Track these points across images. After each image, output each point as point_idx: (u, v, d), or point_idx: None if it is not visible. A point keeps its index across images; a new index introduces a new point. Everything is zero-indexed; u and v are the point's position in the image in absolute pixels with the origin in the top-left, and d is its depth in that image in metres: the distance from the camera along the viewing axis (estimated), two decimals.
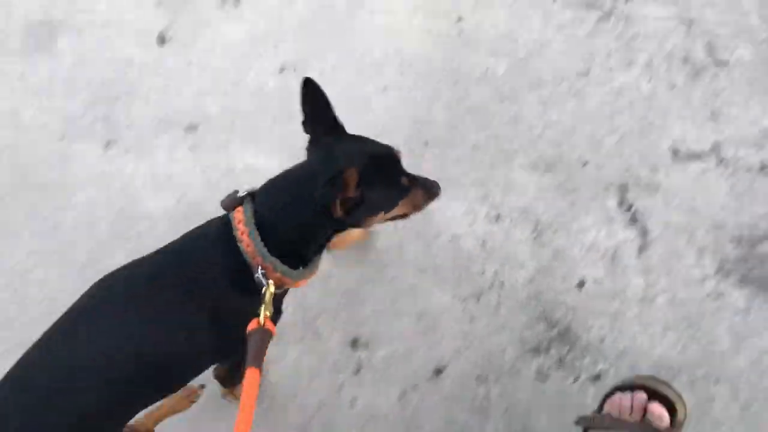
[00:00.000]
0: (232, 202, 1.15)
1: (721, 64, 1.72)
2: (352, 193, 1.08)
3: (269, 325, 1.06)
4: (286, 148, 1.77)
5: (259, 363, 1.01)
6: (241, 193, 1.15)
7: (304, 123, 1.17)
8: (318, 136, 1.18)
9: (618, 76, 1.75)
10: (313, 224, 1.13)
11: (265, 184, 1.17)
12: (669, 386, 1.31)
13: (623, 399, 1.30)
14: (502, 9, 1.86)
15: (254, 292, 1.10)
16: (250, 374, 0.98)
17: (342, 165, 1.06)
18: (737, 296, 1.54)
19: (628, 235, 1.62)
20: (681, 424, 1.27)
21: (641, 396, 1.29)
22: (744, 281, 1.55)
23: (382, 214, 1.23)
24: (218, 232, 1.14)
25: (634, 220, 1.63)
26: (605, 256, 1.61)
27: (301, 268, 1.17)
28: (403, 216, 1.32)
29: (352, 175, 1.05)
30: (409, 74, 1.83)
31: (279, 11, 1.95)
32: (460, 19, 1.86)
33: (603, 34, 1.79)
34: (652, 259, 1.59)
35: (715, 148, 1.65)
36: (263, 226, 1.11)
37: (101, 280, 1.13)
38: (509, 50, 1.81)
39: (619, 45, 1.78)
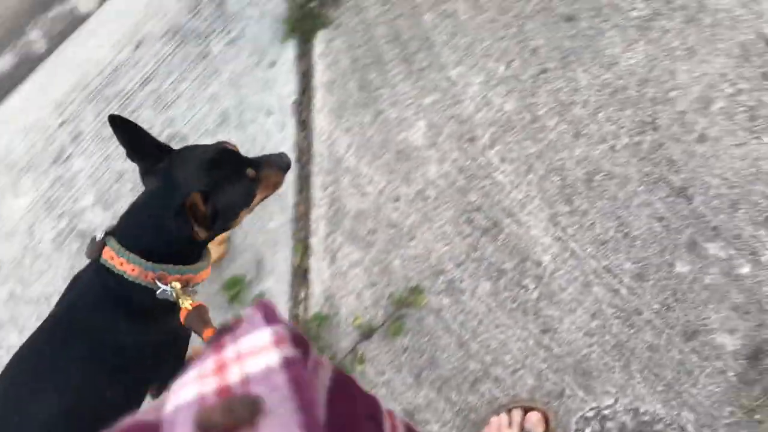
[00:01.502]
0: (96, 247, 1.16)
1: None
2: (202, 212, 1.11)
3: (196, 304, 1.13)
4: None
5: (210, 324, 1.09)
6: (99, 236, 1.17)
7: (128, 156, 1.18)
8: (148, 164, 1.18)
9: None
10: (182, 245, 1.17)
11: (120, 220, 1.20)
12: (540, 402, 1.47)
13: (501, 418, 1.43)
14: None
15: (160, 308, 1.16)
16: (210, 334, 1.06)
17: (182, 196, 1.08)
18: None
19: None
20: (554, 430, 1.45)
21: (518, 411, 1.43)
22: None
23: (244, 212, 1.26)
24: (94, 282, 1.15)
25: None
26: None
27: (196, 263, 1.22)
28: (268, 195, 1.34)
29: (195, 200, 1.08)
30: None
31: None
32: None
33: None
34: None
35: None
36: (136, 248, 1.14)
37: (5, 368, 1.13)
38: None
39: None
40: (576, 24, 1.81)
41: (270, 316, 0.46)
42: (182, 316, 1.12)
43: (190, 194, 1.07)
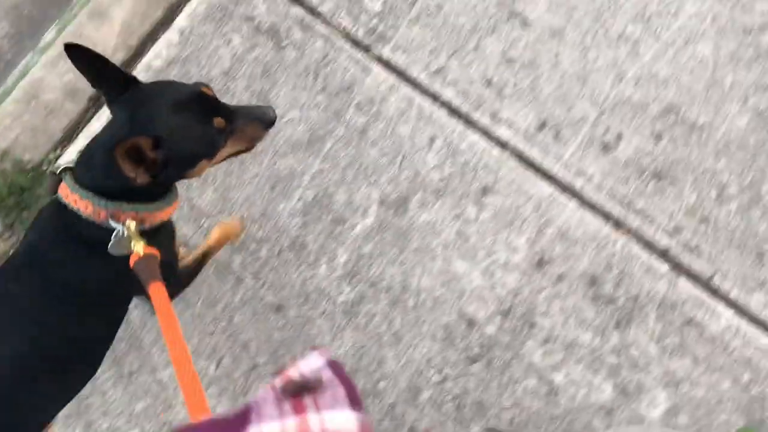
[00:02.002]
0: (53, 182, 1.13)
1: None
2: (149, 157, 1.03)
3: (149, 250, 1.07)
4: None
5: (157, 278, 1.02)
6: (57, 171, 1.12)
7: (92, 85, 1.09)
8: (113, 94, 1.09)
9: None
10: (131, 184, 1.06)
11: (78, 155, 1.14)
12: None
13: None
14: None
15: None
16: (155, 289, 0.99)
17: (127, 136, 1.00)
18: None
19: None
20: None
21: None
22: None
23: (206, 161, 1.15)
24: (53, 218, 1.12)
25: None
26: None
27: (156, 202, 1.14)
28: (246, 150, 1.25)
29: (138, 144, 1.00)
30: None
31: None
32: None
33: None
34: None
35: None
36: (91, 185, 1.08)
37: None
38: None
39: None
40: (285, 313, 1.75)
41: (352, 395, 0.50)
42: (131, 260, 1.07)
43: (125, 139, 0.99)
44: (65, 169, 1.13)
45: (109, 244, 1.08)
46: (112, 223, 1.08)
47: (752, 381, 1.60)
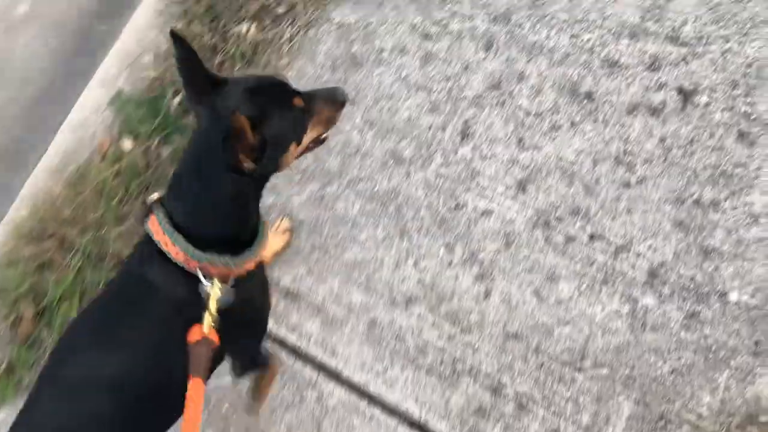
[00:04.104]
0: (142, 214, 1.10)
1: None
2: (251, 138, 1.00)
3: (212, 334, 1.04)
4: None
5: (202, 373, 0.99)
6: (149, 201, 1.10)
7: (185, 87, 1.08)
8: (194, 93, 1.08)
9: None
10: (232, 192, 1.05)
11: (169, 181, 1.10)
12: None
13: None
14: None
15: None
16: (194, 385, 0.97)
17: (227, 117, 0.97)
18: None
19: None
20: None
21: None
22: None
23: (294, 146, 1.15)
24: (143, 256, 1.10)
25: None
26: None
27: (246, 250, 1.12)
28: (321, 140, 1.26)
29: (239, 121, 0.96)
30: None
31: None
32: None
33: None
34: None
35: None
36: (184, 224, 1.06)
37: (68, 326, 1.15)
38: None
39: None
40: None
41: None
42: (192, 334, 1.04)
43: (236, 114, 0.96)
44: (156, 200, 1.11)
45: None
46: (201, 278, 1.06)
47: None
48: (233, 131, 0.96)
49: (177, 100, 1.97)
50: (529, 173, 1.85)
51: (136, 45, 2.08)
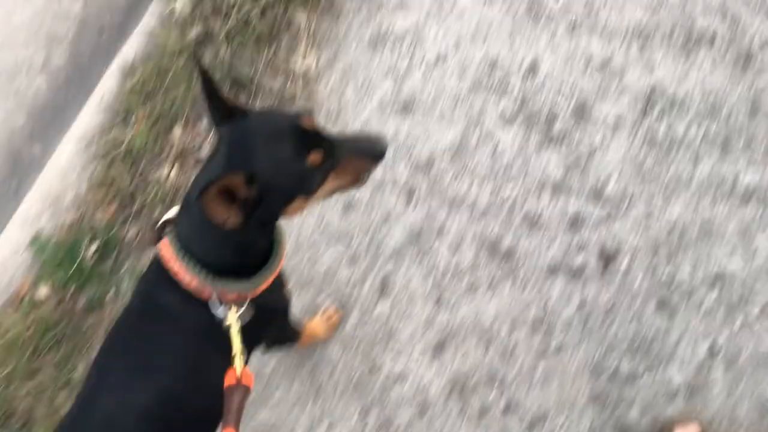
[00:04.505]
0: (154, 237, 1.07)
1: None
2: (242, 194, 0.96)
3: (246, 378, 1.03)
4: None
5: (236, 421, 0.99)
6: (161, 222, 1.07)
7: (210, 113, 1.03)
8: (218, 117, 1.03)
9: None
10: (232, 233, 0.99)
11: (182, 202, 1.07)
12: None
13: None
14: None
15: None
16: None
17: (216, 176, 0.92)
18: None
19: None
20: None
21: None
22: None
23: (304, 198, 1.06)
24: (157, 281, 1.07)
25: None
26: None
27: (261, 270, 1.10)
28: (355, 184, 1.13)
29: (231, 183, 0.93)
30: None
31: None
32: None
33: None
34: None
35: None
36: (196, 250, 1.03)
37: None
38: None
39: None
40: None
41: None
42: (228, 378, 1.03)
43: (229, 174, 0.92)
44: (168, 222, 1.07)
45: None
46: (216, 305, 1.04)
47: None
48: (211, 198, 0.91)
49: (93, 247, 1.93)
50: (446, 336, 1.80)
51: (59, 183, 2.05)
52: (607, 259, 1.79)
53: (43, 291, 1.94)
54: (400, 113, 1.98)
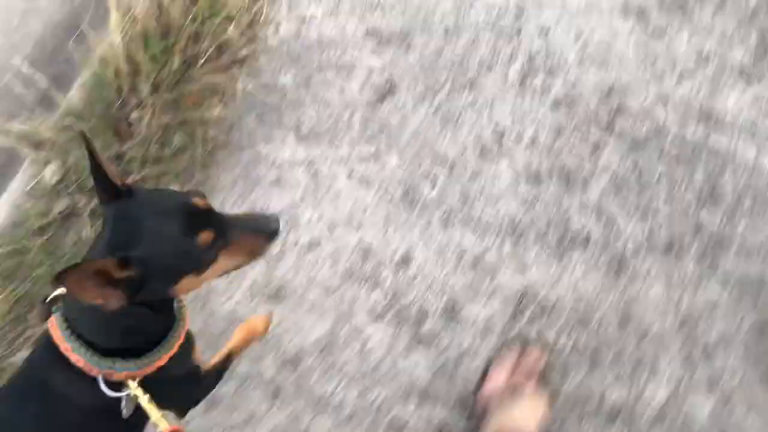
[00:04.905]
0: (44, 313, 1.05)
1: None
2: (123, 278, 0.93)
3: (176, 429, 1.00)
4: None
5: None
6: (49, 299, 1.05)
7: (96, 191, 1.01)
8: (105, 195, 1.00)
9: None
10: (118, 314, 0.96)
11: None
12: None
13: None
14: None
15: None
16: None
17: (83, 260, 0.92)
18: None
19: None
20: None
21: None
22: None
23: (194, 277, 1.03)
24: (45, 359, 1.04)
25: None
26: None
27: (153, 350, 1.07)
28: (247, 263, 1.13)
29: (104, 267, 0.90)
30: None
31: None
32: None
33: None
34: None
35: None
36: (82, 329, 1.01)
37: None
38: None
39: None
40: None
41: None
42: None
43: (81, 263, 0.87)
44: (56, 299, 1.06)
45: (123, 410, 1.04)
46: (103, 386, 1.02)
47: None
48: (74, 283, 0.86)
49: None
50: None
51: None
52: None
53: None
54: (271, 300, 1.90)
